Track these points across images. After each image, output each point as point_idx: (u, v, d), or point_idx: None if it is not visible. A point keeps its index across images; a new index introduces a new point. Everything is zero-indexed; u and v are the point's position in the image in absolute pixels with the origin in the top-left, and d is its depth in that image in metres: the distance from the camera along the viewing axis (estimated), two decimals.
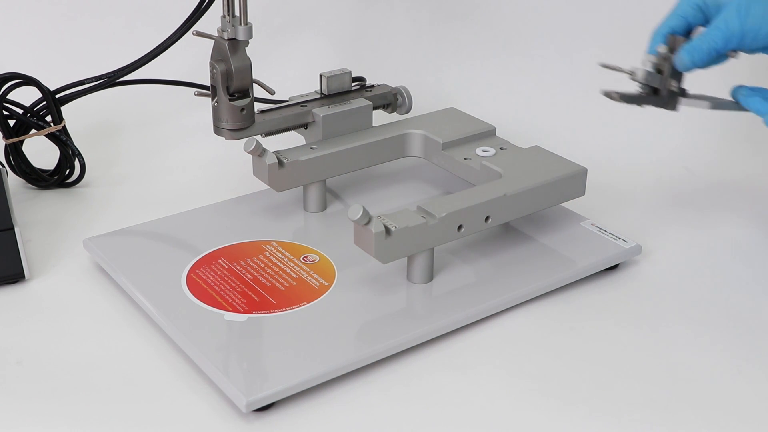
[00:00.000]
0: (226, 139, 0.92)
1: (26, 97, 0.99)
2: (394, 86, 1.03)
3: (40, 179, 1.01)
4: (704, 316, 0.83)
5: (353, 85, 1.01)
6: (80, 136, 1.05)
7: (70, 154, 1.00)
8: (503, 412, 0.71)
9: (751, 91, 0.83)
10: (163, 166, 1.08)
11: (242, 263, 0.85)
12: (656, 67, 0.84)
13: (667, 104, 0.85)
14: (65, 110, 1.00)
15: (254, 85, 0.92)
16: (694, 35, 0.85)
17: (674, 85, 0.84)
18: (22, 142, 0.99)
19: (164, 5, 1.20)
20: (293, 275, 0.83)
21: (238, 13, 0.87)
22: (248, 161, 0.94)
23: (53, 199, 1.00)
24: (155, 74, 1.05)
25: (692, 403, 0.72)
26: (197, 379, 0.73)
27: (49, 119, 0.99)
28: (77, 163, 1.01)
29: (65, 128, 1.00)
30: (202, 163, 1.08)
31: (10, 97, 0.97)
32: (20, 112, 0.98)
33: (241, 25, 0.87)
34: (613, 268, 0.88)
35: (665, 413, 0.71)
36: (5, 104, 0.97)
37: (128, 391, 0.72)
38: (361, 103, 0.98)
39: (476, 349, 0.77)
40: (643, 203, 1.01)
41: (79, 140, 1.03)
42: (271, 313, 0.78)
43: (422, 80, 1.24)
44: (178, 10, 1.01)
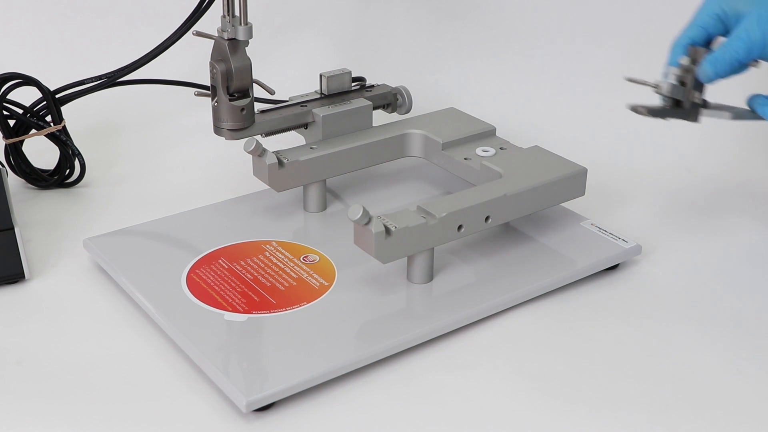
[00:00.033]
0: (226, 139, 0.92)
1: (26, 97, 0.99)
2: (394, 86, 1.03)
3: (40, 179, 1.01)
4: (704, 315, 0.82)
5: (353, 85, 1.01)
6: (80, 136, 1.05)
7: (70, 154, 1.00)
8: (503, 411, 0.71)
9: (767, 99, 0.82)
10: (163, 166, 1.08)
11: (242, 263, 0.85)
12: (679, 79, 0.83)
13: (689, 116, 0.85)
14: (65, 110, 1.00)
15: (254, 85, 0.92)
16: (713, 46, 0.84)
17: (697, 96, 0.84)
18: (22, 142, 0.99)
19: (164, 5, 1.20)
20: (293, 275, 0.83)
21: (238, 13, 0.87)
22: (248, 161, 0.94)
23: (53, 199, 1.00)
24: (155, 74, 1.05)
25: (692, 402, 0.72)
26: (197, 379, 0.73)
27: (49, 119, 0.99)
28: (77, 163, 1.01)
29: (65, 128, 1.00)
30: (202, 163, 1.08)
31: (10, 97, 0.97)
32: (20, 112, 0.98)
33: (241, 25, 0.87)
34: (613, 268, 0.88)
35: (665, 413, 0.71)
36: (5, 104, 0.97)
37: (128, 391, 0.72)
38: (361, 103, 0.98)
39: (476, 349, 0.77)
40: (643, 203, 1.01)
41: (79, 140, 1.03)
42: (271, 313, 0.78)
43: (422, 80, 1.24)
44: (178, 10, 1.01)
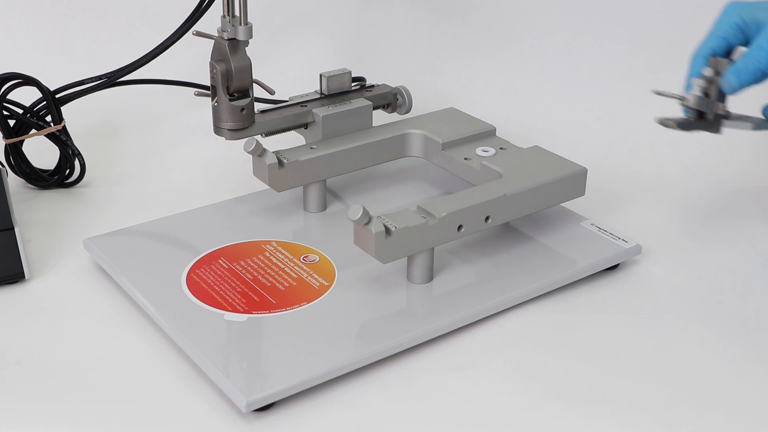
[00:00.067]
0: (226, 139, 0.92)
1: (26, 97, 0.99)
2: (394, 86, 1.03)
3: (40, 179, 1.01)
4: (704, 316, 0.82)
5: (353, 85, 1.01)
6: (80, 136, 1.05)
7: (70, 154, 1.00)
8: (503, 411, 0.71)
9: None
10: (163, 166, 1.08)
11: (242, 263, 0.85)
12: (703, 90, 0.83)
13: (712, 127, 0.84)
14: (65, 110, 1.00)
15: (254, 85, 0.92)
16: (734, 56, 0.83)
17: (721, 107, 0.83)
18: (22, 142, 0.99)
19: (164, 5, 1.20)
20: (293, 275, 0.83)
21: (238, 13, 0.87)
22: (248, 161, 0.94)
23: (53, 199, 1.00)
24: (155, 74, 1.05)
25: (692, 402, 0.72)
26: (197, 379, 0.73)
27: (49, 119, 0.99)
28: (77, 163, 1.01)
29: (65, 128, 1.00)
30: (202, 163, 1.08)
31: (10, 97, 0.97)
32: (20, 112, 0.98)
33: (241, 25, 0.87)
34: (613, 268, 0.88)
35: (665, 413, 0.71)
36: (5, 104, 0.97)
37: (128, 391, 0.72)
38: (361, 103, 0.98)
39: (476, 349, 0.77)
40: (643, 203, 1.01)
41: (79, 140, 1.03)
42: (271, 313, 0.78)
43: (422, 80, 1.24)
44: (178, 10, 1.01)
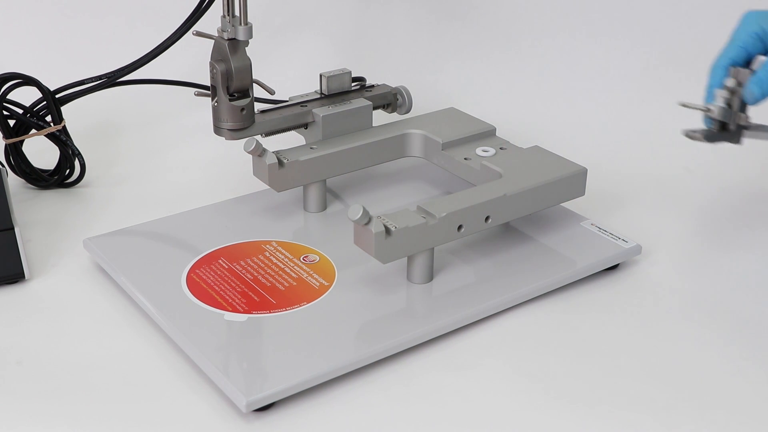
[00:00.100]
0: (226, 139, 0.92)
1: (26, 97, 0.99)
2: (394, 86, 1.03)
3: (40, 179, 1.01)
4: (704, 316, 0.82)
5: (353, 85, 1.01)
6: (80, 136, 1.05)
7: (70, 154, 1.00)
8: (503, 411, 0.71)
9: None
10: (163, 166, 1.08)
11: (242, 263, 0.85)
12: (726, 101, 0.83)
13: (733, 138, 0.84)
14: (65, 110, 1.00)
15: (254, 85, 0.92)
16: (753, 66, 0.83)
17: (743, 118, 0.83)
18: (22, 142, 0.99)
19: (164, 5, 1.20)
20: (293, 275, 0.83)
21: (238, 13, 0.87)
22: (248, 161, 0.94)
23: (53, 199, 1.00)
24: (155, 74, 1.05)
25: (692, 402, 0.72)
26: (197, 379, 0.73)
27: (49, 119, 0.99)
28: (77, 163, 1.01)
29: (65, 128, 1.00)
30: (202, 163, 1.08)
31: (10, 97, 0.97)
32: (20, 112, 0.98)
33: (241, 25, 0.87)
34: (613, 268, 0.88)
35: (665, 413, 0.71)
36: (5, 104, 0.97)
37: (128, 391, 0.72)
38: (361, 103, 0.98)
39: (476, 349, 0.77)
40: (643, 203, 1.01)
41: (79, 140, 1.03)
42: (271, 313, 0.78)
43: (422, 80, 1.24)
44: (178, 10, 1.01)
